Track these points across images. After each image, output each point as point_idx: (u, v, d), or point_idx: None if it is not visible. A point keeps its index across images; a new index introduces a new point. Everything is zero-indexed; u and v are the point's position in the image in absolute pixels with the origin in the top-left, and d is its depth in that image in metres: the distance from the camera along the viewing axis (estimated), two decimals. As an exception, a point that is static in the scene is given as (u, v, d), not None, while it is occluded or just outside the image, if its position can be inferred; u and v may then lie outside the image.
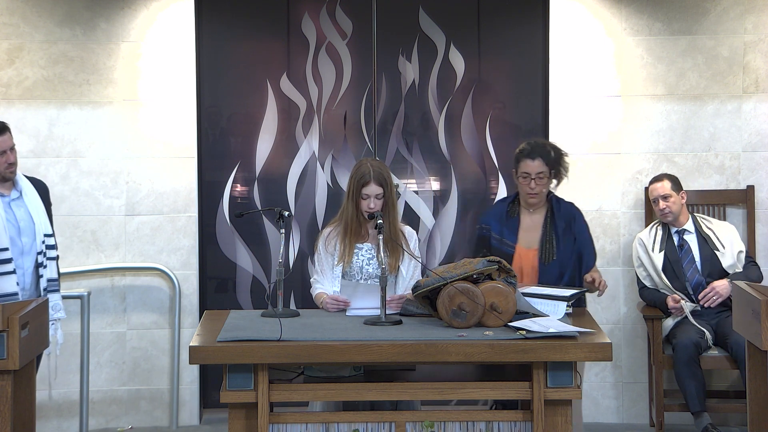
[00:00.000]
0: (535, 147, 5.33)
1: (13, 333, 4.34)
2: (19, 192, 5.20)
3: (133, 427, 6.50)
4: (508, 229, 5.34)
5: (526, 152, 5.31)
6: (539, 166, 5.27)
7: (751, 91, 6.50)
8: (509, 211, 5.41)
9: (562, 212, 5.34)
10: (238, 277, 6.71)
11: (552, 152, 5.32)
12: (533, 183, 5.28)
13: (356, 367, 4.64)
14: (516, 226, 5.35)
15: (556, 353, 4.36)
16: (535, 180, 5.27)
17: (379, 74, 6.66)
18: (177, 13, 6.44)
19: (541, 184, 5.29)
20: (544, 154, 5.29)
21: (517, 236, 5.33)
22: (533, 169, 5.27)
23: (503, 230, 5.34)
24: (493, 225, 5.37)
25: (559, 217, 5.32)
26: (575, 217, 5.35)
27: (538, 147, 5.33)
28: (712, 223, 6.21)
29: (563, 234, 5.29)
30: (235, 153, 6.71)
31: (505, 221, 5.37)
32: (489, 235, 5.35)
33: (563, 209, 5.36)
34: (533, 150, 5.30)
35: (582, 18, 6.50)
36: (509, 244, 5.30)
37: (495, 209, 5.49)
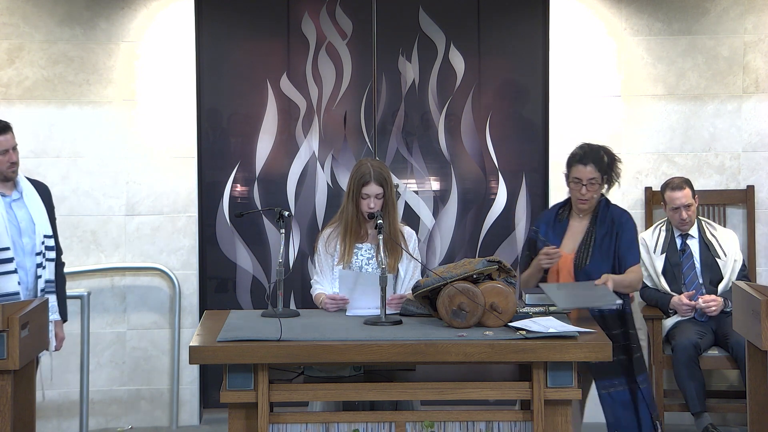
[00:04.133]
0: (588, 152, 5.21)
1: (13, 333, 4.34)
2: (20, 193, 5.20)
3: (133, 427, 6.50)
4: (553, 233, 5.28)
5: (578, 157, 5.21)
6: (591, 172, 5.17)
7: (751, 91, 6.50)
8: (559, 215, 5.34)
9: (607, 218, 5.22)
10: (238, 277, 6.71)
11: (605, 157, 5.20)
12: (584, 189, 5.18)
13: (356, 367, 4.64)
14: (563, 231, 5.29)
15: (556, 353, 4.36)
16: (586, 186, 5.17)
17: (379, 74, 6.66)
18: (177, 12, 6.45)
19: (592, 191, 5.18)
20: (597, 160, 5.18)
21: (562, 240, 5.26)
22: (585, 175, 5.17)
23: (549, 233, 5.28)
24: (542, 228, 5.32)
25: (602, 223, 5.21)
26: (622, 224, 5.22)
27: (591, 152, 5.21)
28: (716, 230, 6.17)
29: (601, 240, 5.18)
30: (235, 153, 6.71)
31: (552, 225, 5.31)
32: (537, 237, 5.29)
33: (609, 215, 5.24)
34: (585, 155, 5.20)
35: (582, 18, 6.50)
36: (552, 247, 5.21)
37: (547, 213, 5.42)
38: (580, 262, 5.16)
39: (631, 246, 5.21)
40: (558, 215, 5.33)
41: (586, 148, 5.24)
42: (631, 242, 5.22)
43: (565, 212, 5.33)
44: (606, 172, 5.20)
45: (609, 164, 5.20)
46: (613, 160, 5.23)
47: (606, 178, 5.21)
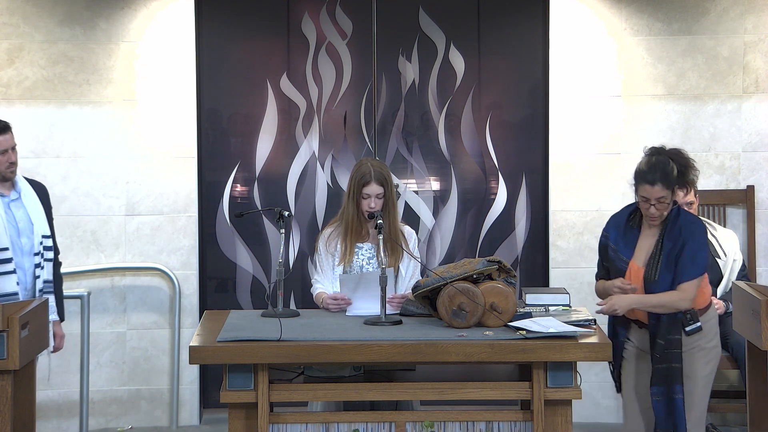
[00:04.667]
0: (654, 168, 4.63)
1: (13, 333, 4.35)
2: (18, 193, 5.20)
3: (133, 427, 6.50)
4: (624, 242, 4.75)
5: (643, 174, 4.65)
6: (659, 191, 4.60)
7: (751, 91, 6.50)
8: (630, 220, 4.79)
9: (675, 230, 4.66)
10: (238, 277, 6.71)
11: (675, 169, 4.64)
12: (653, 209, 4.64)
13: (356, 367, 4.64)
14: (635, 239, 4.75)
15: (556, 353, 4.36)
16: (655, 205, 4.63)
17: (379, 74, 6.66)
18: (177, 12, 6.45)
19: (661, 209, 4.64)
20: (665, 176, 4.61)
21: (634, 251, 4.74)
22: (652, 195, 4.61)
23: (620, 242, 4.76)
24: (612, 234, 4.80)
25: (670, 233, 4.67)
26: (687, 235, 4.65)
27: (658, 168, 4.63)
28: (716, 230, 6.17)
29: (669, 253, 4.64)
30: (235, 153, 6.71)
31: (623, 232, 4.78)
32: (608, 243, 4.80)
33: (678, 226, 4.68)
34: (652, 171, 4.62)
35: (582, 18, 6.50)
36: (623, 259, 4.73)
37: (618, 216, 4.86)
38: (649, 276, 4.65)
39: (691, 260, 4.62)
40: (629, 220, 4.79)
41: (654, 160, 4.67)
42: (692, 256, 4.62)
43: (636, 217, 4.78)
44: (677, 183, 4.67)
45: (680, 174, 4.67)
46: (685, 167, 4.70)
47: (678, 188, 4.71)
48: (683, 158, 4.72)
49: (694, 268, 4.61)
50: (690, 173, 4.72)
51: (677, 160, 4.69)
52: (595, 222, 6.52)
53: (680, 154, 4.75)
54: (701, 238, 4.68)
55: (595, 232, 6.53)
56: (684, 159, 4.71)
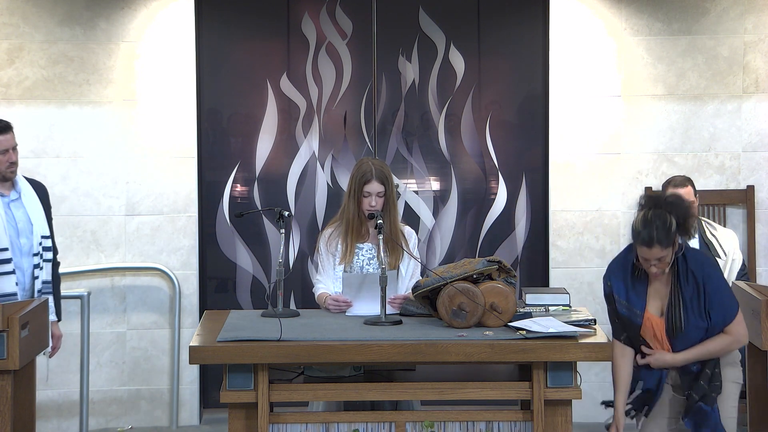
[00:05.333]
0: (650, 227, 4.31)
1: (13, 333, 4.35)
2: (18, 193, 5.20)
3: (133, 427, 6.50)
4: (634, 293, 4.47)
5: (639, 235, 4.33)
6: (658, 252, 4.31)
7: (751, 91, 6.50)
8: (635, 268, 4.47)
9: (688, 276, 4.39)
10: (238, 277, 6.71)
11: (673, 225, 4.31)
12: (654, 268, 4.37)
13: (356, 367, 4.64)
14: (644, 288, 4.47)
15: (556, 353, 4.36)
16: (655, 265, 4.36)
17: (379, 74, 6.66)
18: (177, 12, 6.45)
19: (663, 266, 4.36)
20: (663, 237, 4.29)
21: (646, 299, 4.46)
22: (651, 256, 4.33)
23: (630, 295, 4.47)
24: (617, 284, 4.51)
25: (685, 279, 4.40)
26: (705, 278, 4.39)
27: (655, 227, 4.30)
28: (716, 230, 6.17)
29: (691, 300, 4.38)
30: (235, 153, 6.71)
31: (630, 283, 4.48)
32: (614, 296, 4.51)
33: (689, 271, 4.40)
34: (648, 231, 4.30)
35: (582, 18, 6.50)
36: (637, 313, 4.46)
37: (619, 264, 4.53)
38: (673, 326, 4.40)
39: (722, 302, 4.38)
40: (634, 269, 4.47)
41: (650, 217, 4.34)
42: (720, 298, 4.38)
43: (641, 268, 4.46)
44: (677, 235, 4.36)
45: (680, 226, 4.35)
46: (685, 218, 4.36)
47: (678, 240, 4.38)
48: (682, 208, 4.39)
49: (731, 306, 4.39)
50: (689, 221, 4.38)
51: (676, 212, 4.36)
52: (595, 222, 6.53)
53: (678, 203, 4.42)
54: (717, 273, 4.46)
55: (594, 232, 6.54)
56: (683, 209, 4.39)
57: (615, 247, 6.52)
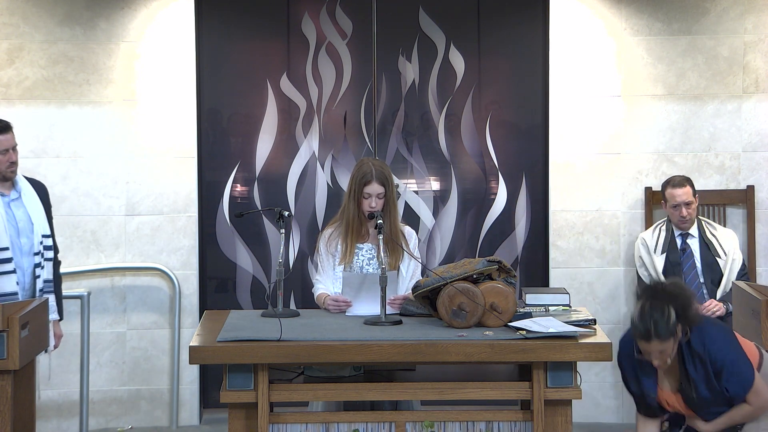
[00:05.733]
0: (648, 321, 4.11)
1: (13, 333, 4.35)
2: (18, 192, 5.20)
3: (133, 427, 6.50)
4: (645, 376, 4.31)
5: (637, 331, 4.14)
6: (657, 346, 4.13)
7: (751, 91, 6.50)
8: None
9: (695, 359, 4.21)
10: (238, 277, 6.71)
11: (673, 316, 4.10)
12: (655, 360, 4.19)
13: (356, 367, 4.64)
14: (653, 371, 4.29)
15: (556, 353, 4.36)
16: (657, 357, 4.17)
17: (379, 74, 6.66)
18: (177, 12, 6.45)
19: (665, 357, 4.17)
20: (662, 331, 4.09)
21: (657, 378, 4.31)
22: (651, 349, 4.15)
23: (641, 378, 4.32)
24: (627, 368, 4.35)
25: (692, 365, 4.22)
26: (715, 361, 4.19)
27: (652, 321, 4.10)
28: (716, 230, 6.18)
29: (706, 384, 4.22)
30: (235, 153, 6.71)
31: (639, 365, 4.29)
32: (627, 377, 4.35)
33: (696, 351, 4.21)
34: (644, 325, 4.11)
35: (582, 18, 6.50)
36: (651, 395, 4.33)
37: (627, 343, 4.31)
38: (692, 400, 4.27)
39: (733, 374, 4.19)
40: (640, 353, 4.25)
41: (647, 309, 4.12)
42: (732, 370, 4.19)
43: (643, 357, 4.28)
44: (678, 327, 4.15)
45: (680, 316, 4.13)
46: (685, 308, 4.14)
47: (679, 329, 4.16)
48: (682, 297, 4.16)
49: (746, 376, 4.21)
50: (691, 310, 4.16)
51: (675, 302, 4.14)
52: (595, 222, 6.52)
53: (678, 292, 4.19)
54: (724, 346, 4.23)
55: (594, 232, 6.54)
56: (683, 298, 4.16)
57: (615, 247, 6.52)
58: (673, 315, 4.11)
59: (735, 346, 4.26)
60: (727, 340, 4.27)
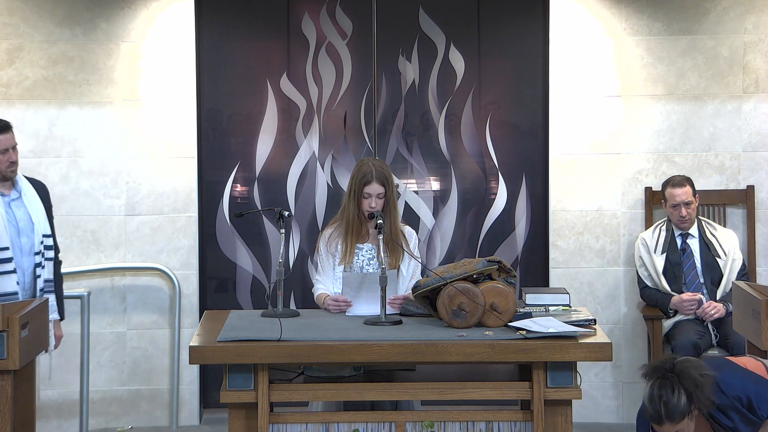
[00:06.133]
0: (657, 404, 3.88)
1: (13, 333, 4.35)
2: (18, 192, 5.20)
3: (133, 427, 6.49)
4: None
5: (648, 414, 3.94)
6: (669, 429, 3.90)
7: (751, 91, 6.50)
8: None
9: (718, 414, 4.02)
10: (238, 277, 6.71)
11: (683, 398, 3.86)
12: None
13: (356, 367, 4.64)
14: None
15: (556, 353, 4.36)
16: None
17: (379, 74, 6.66)
18: (177, 13, 6.45)
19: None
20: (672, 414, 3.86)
21: None
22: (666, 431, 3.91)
23: None
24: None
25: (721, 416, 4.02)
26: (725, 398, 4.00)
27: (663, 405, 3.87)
28: (716, 230, 6.18)
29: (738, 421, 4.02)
30: (235, 153, 6.71)
31: None
32: None
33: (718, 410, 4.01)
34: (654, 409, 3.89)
35: (582, 18, 6.50)
36: None
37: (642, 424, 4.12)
38: None
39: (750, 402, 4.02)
40: None
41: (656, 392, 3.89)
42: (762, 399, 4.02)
43: None
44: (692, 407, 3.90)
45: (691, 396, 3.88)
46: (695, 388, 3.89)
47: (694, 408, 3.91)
48: (693, 377, 3.90)
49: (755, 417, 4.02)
50: (704, 393, 3.90)
51: (685, 382, 3.89)
52: (595, 222, 6.52)
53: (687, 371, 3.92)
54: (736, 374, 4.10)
55: (594, 232, 6.54)
56: (693, 378, 3.90)
57: (615, 247, 6.52)
58: (683, 396, 3.86)
59: (744, 376, 4.10)
60: (736, 374, 4.10)
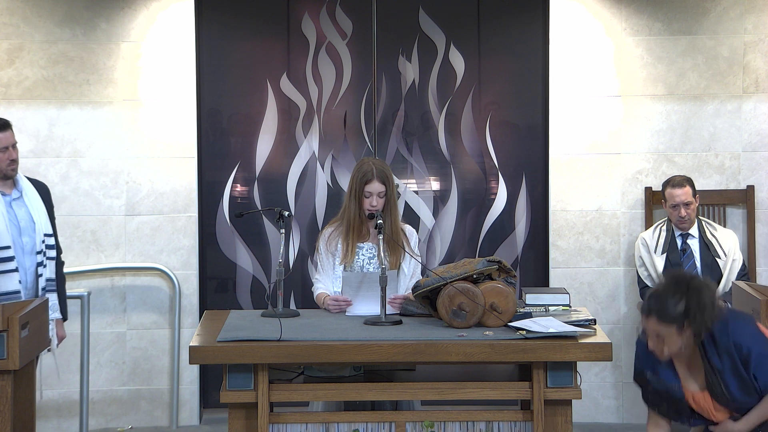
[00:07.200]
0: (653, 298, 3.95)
1: (13, 333, 4.35)
2: (20, 192, 5.21)
3: (133, 427, 6.50)
4: (662, 368, 4.11)
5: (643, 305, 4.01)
6: (654, 326, 3.95)
7: (751, 91, 6.50)
8: None
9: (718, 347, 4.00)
10: (238, 277, 6.71)
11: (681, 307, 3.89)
12: (651, 342, 4.01)
13: (356, 367, 4.64)
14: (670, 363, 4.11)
15: (556, 353, 4.36)
16: (654, 342, 4.00)
17: (379, 74, 6.66)
18: (177, 13, 6.45)
19: (660, 345, 3.99)
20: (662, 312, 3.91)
21: (676, 372, 4.10)
22: (647, 326, 3.99)
23: (656, 367, 4.12)
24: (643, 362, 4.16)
25: (713, 350, 4.01)
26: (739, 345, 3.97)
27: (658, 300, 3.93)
28: (716, 230, 6.19)
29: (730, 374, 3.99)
30: (235, 153, 6.71)
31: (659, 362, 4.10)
32: (645, 376, 4.15)
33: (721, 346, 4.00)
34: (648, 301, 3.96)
35: (582, 18, 6.50)
36: (674, 387, 4.10)
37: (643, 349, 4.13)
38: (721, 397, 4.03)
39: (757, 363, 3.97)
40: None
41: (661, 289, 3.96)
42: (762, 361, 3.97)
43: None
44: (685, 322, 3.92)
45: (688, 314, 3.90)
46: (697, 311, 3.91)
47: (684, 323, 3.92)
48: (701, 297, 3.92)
49: None
50: (703, 317, 3.91)
51: (691, 296, 3.92)
52: (595, 222, 6.52)
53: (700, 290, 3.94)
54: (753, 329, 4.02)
55: (594, 232, 6.54)
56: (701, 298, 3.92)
57: (615, 247, 6.52)
58: (682, 306, 3.89)
59: (761, 335, 4.03)
60: (753, 329, 4.04)
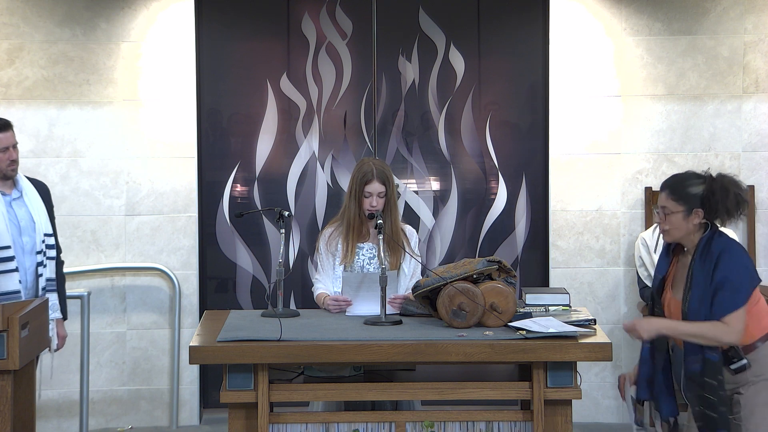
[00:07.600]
0: (680, 174, 4.21)
1: (13, 333, 4.35)
2: (20, 192, 5.21)
3: (133, 427, 6.50)
4: (660, 260, 4.37)
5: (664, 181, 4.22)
6: (663, 199, 4.14)
7: (751, 91, 6.50)
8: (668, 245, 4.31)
9: (706, 258, 4.09)
10: (238, 277, 6.71)
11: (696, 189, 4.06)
12: (656, 216, 4.23)
13: (356, 367, 4.64)
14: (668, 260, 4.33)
15: (556, 353, 4.36)
16: (660, 215, 4.18)
17: (379, 74, 6.66)
18: (177, 13, 6.45)
19: (663, 221, 4.16)
20: (677, 188, 4.10)
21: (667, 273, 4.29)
22: (660, 199, 4.18)
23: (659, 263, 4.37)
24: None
25: (701, 264, 4.10)
26: (725, 262, 4.06)
27: (678, 177, 4.19)
28: None
29: (702, 286, 4.10)
30: (235, 153, 6.71)
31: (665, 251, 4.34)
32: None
33: (710, 253, 4.09)
34: (669, 178, 4.23)
35: (582, 18, 6.50)
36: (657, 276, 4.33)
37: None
38: (684, 306, 4.16)
39: (730, 290, 4.05)
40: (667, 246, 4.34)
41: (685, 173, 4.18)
42: (730, 285, 4.05)
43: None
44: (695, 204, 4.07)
45: (703, 199, 4.06)
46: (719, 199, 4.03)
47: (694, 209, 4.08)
48: (724, 185, 4.06)
49: (733, 297, 4.04)
50: (720, 201, 4.03)
51: (714, 184, 4.07)
52: (595, 222, 6.52)
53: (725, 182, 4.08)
54: (738, 260, 4.08)
55: (594, 232, 6.54)
56: (724, 187, 4.05)
57: (615, 247, 6.52)
58: (699, 190, 4.05)
59: (745, 274, 4.08)
60: (744, 266, 4.09)
